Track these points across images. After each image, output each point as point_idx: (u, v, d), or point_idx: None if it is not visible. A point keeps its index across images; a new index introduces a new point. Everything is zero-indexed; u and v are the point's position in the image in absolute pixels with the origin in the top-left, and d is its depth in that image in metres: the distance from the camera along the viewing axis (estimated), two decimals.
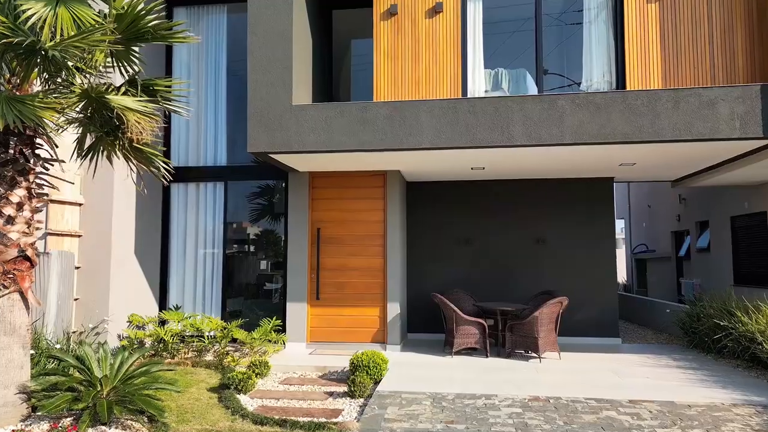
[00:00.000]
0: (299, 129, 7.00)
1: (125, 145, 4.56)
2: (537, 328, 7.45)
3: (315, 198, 8.68)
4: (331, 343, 8.38)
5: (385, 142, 6.84)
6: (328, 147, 6.95)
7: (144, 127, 4.38)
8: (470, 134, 6.71)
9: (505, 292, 9.20)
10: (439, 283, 9.28)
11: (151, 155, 4.91)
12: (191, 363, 7.54)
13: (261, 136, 7.05)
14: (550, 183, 9.31)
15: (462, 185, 9.49)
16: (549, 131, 6.58)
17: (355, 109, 6.94)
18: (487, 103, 6.73)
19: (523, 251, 9.27)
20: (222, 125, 9.18)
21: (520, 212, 9.34)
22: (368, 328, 8.37)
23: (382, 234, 8.47)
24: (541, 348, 7.46)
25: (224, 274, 8.92)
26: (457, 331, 7.71)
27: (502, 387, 6.12)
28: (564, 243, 9.19)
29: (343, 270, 8.50)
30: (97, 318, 7.60)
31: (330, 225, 8.60)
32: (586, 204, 9.20)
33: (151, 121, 4.44)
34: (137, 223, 8.36)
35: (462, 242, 9.42)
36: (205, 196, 9.11)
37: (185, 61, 9.33)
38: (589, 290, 9.02)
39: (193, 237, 9.07)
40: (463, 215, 9.46)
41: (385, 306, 8.34)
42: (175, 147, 9.21)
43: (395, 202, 8.43)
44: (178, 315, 8.44)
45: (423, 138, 6.79)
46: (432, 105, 6.81)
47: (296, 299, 8.45)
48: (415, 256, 9.47)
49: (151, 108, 4.63)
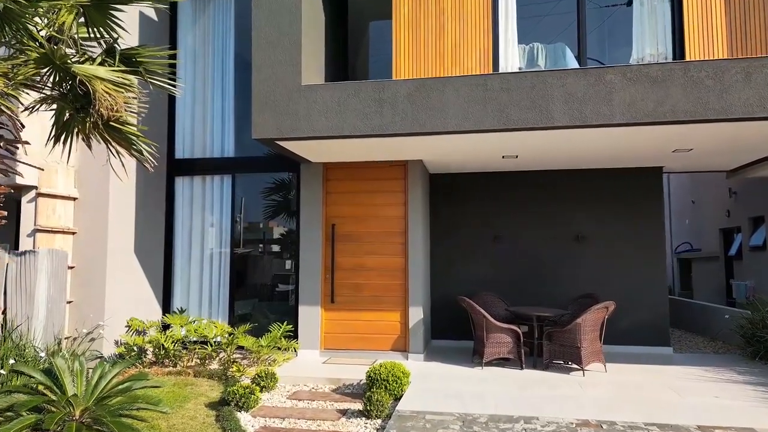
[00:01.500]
0: (309, 112, 6.24)
1: (98, 124, 3.85)
2: (580, 336, 6.54)
3: (329, 192, 7.91)
4: (346, 350, 7.60)
5: (405, 125, 6.03)
6: (341, 132, 6.17)
7: (117, 101, 3.66)
8: (503, 115, 5.85)
9: (539, 295, 8.28)
10: (465, 285, 8.42)
11: (131, 135, 4.19)
12: (193, 372, 6.85)
13: (267, 120, 6.31)
14: (591, 174, 8.35)
15: (491, 177, 8.60)
16: (595, 110, 5.68)
17: (372, 88, 6.14)
18: (522, 78, 5.86)
19: (559, 250, 8.35)
20: (229, 114, 8.48)
21: (557, 206, 8.42)
22: (388, 334, 7.57)
23: (402, 231, 7.66)
24: (584, 359, 6.55)
25: (232, 275, 8.23)
26: (488, 339, 6.85)
27: (542, 407, 5.24)
28: (607, 240, 8.23)
29: (360, 270, 7.72)
30: (92, 322, 6.97)
31: (346, 221, 7.82)
32: (632, 197, 8.22)
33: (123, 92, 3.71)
34: (138, 219, 7.72)
35: (491, 240, 8.54)
36: (211, 190, 8.43)
37: (190, 46, 8.68)
38: (635, 293, 8.04)
39: (198, 234, 8.40)
40: (492, 210, 8.58)
41: (406, 310, 7.52)
42: (179, 137, 8.56)
43: (417, 195, 7.61)
44: (181, 319, 7.79)
45: (448, 120, 5.95)
46: (459, 82, 5.97)
47: (309, 302, 7.71)
48: (438, 255, 8.63)
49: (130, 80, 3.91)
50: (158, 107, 8.27)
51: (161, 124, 8.38)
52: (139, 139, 4.23)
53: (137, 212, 7.70)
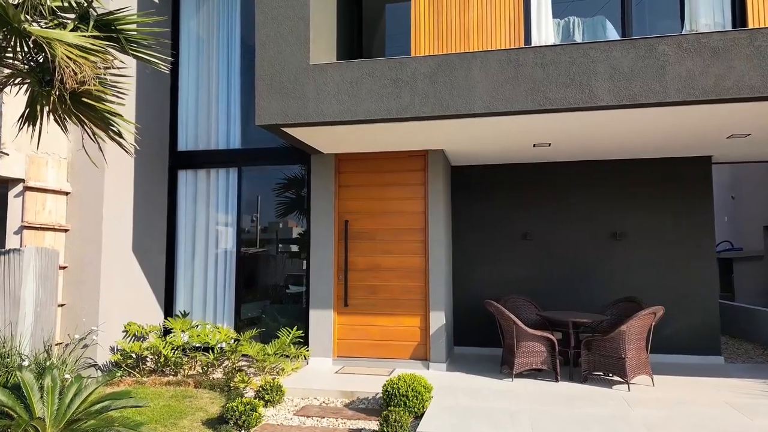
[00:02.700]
0: (318, 95, 5.59)
1: (65, 98, 3.24)
2: (624, 345, 5.79)
3: (342, 185, 7.26)
4: (361, 359, 6.94)
5: (425, 107, 5.34)
6: (354, 116, 5.51)
7: (84, 70, 3.05)
8: (538, 93, 5.13)
9: (573, 298, 7.53)
10: (490, 287, 7.71)
11: (107, 114, 3.58)
12: (194, 383, 6.26)
13: (271, 104, 5.68)
14: (631, 165, 7.57)
15: (519, 169, 7.87)
16: (645, 87, 4.93)
17: (388, 67, 5.47)
18: (560, 52, 5.13)
19: (595, 248, 7.58)
20: (235, 103, 7.89)
21: (592, 201, 7.65)
22: (407, 341, 6.89)
23: (422, 227, 6.97)
24: (629, 371, 5.79)
25: (239, 276, 7.63)
26: (519, 347, 6.13)
27: (587, 429, 4.51)
28: (649, 238, 7.44)
29: (376, 270, 7.05)
30: (85, 327, 6.42)
31: (360, 217, 7.17)
32: (677, 190, 7.42)
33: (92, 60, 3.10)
34: (137, 216, 7.16)
35: (519, 238, 7.80)
36: (216, 184, 7.84)
37: (194, 30, 8.11)
38: (681, 297, 7.25)
39: (203, 231, 7.83)
40: (520, 205, 7.84)
41: (427, 315, 6.84)
42: (182, 128, 7.99)
43: (438, 188, 6.92)
44: (184, 323, 7.22)
45: (475, 100, 5.25)
46: (487, 57, 5.27)
47: (320, 306, 7.07)
48: (461, 255, 7.93)
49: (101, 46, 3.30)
50: (159, 96, 7.71)
51: (163, 114, 7.82)
52: (116, 118, 3.61)
53: (136, 208, 7.14)
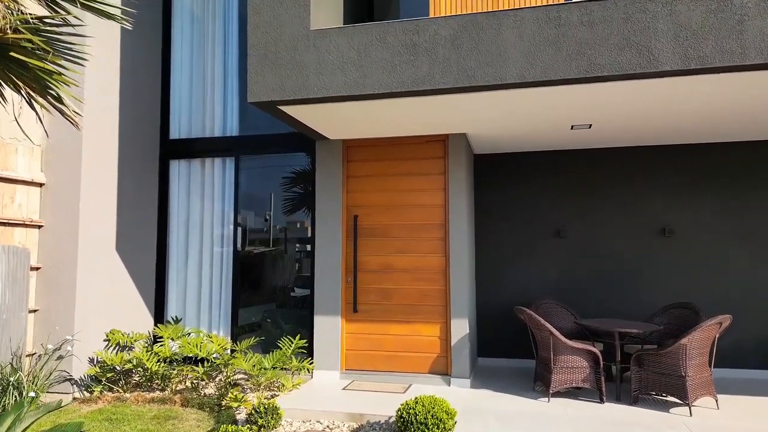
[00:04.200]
0: (320, 65, 4.76)
1: None
2: (685, 361, 4.86)
3: (351, 175, 6.43)
4: (373, 372, 6.09)
5: (447, 77, 4.48)
6: (362, 90, 4.66)
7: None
8: (584, 58, 4.23)
9: (613, 304, 6.60)
10: (518, 290, 6.83)
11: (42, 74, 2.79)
12: (181, 400, 5.48)
13: (266, 77, 4.86)
14: (680, 150, 6.62)
15: (552, 157, 6.96)
16: (719, 47, 4.00)
17: (402, 30, 4.61)
18: (611, 7, 4.22)
19: (639, 247, 6.64)
20: (233, 86, 7.11)
21: (636, 193, 6.71)
22: (424, 353, 6.03)
23: (442, 223, 6.11)
24: (690, 392, 4.85)
25: (236, 277, 6.84)
26: (557, 362, 5.23)
27: None
28: (704, 235, 6.48)
29: (389, 272, 6.21)
30: (59, 336, 5.67)
31: (371, 211, 6.33)
32: (737, 179, 6.45)
33: None
34: (121, 211, 6.41)
35: (551, 235, 6.90)
36: (212, 175, 7.06)
37: (188, 7, 7.34)
38: (743, 302, 6.28)
39: (197, 227, 7.05)
40: (552, 198, 6.93)
41: (447, 322, 5.97)
42: (174, 114, 7.23)
43: (460, 178, 6.05)
44: (175, 330, 6.46)
45: (507, 68, 4.37)
46: (522, 16, 4.38)
47: (326, 311, 6.24)
48: (485, 254, 7.04)
49: None
50: (149, 77, 6.96)
51: (153, 97, 7.07)
52: (53, 78, 2.81)
53: (121, 202, 6.39)
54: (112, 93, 6.32)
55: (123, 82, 6.46)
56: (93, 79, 5.97)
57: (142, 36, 6.84)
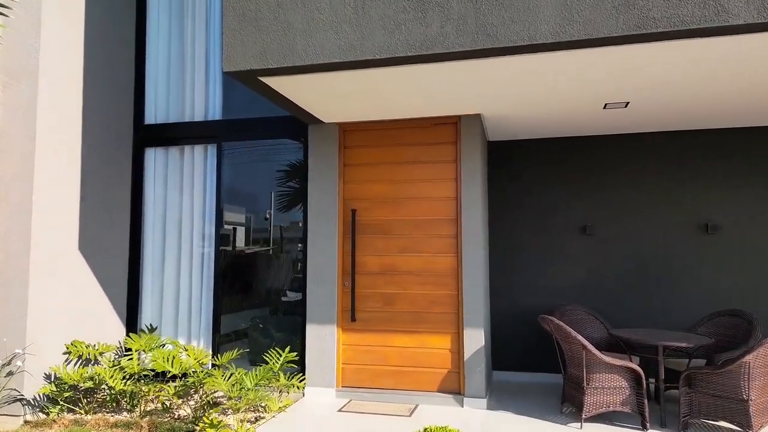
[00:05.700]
0: (309, 25, 3.95)
1: None
2: (747, 382, 4.04)
3: (348, 164, 5.62)
4: (374, 390, 5.28)
5: (463, 37, 3.66)
6: (360, 54, 3.85)
7: None
8: (633, 11, 3.41)
9: (647, 311, 5.79)
10: (539, 295, 6.02)
11: None
12: (149, 425, 4.67)
13: (245, 41, 4.05)
14: (724, 136, 5.81)
15: (578, 143, 6.15)
16: None
17: None
18: None
19: (680, 245, 5.82)
20: (215, 65, 6.30)
21: (674, 184, 5.89)
22: (433, 368, 5.21)
23: (453, 218, 5.30)
24: (754, 419, 4.04)
25: (218, 279, 6.03)
26: (590, 381, 4.41)
27: None
28: (754, 232, 5.66)
29: (391, 274, 5.39)
30: (7, 349, 4.87)
31: (372, 205, 5.52)
32: None
33: None
34: (85, 205, 5.60)
35: (576, 231, 6.08)
36: (191, 165, 6.26)
37: None
38: None
39: (175, 224, 6.25)
40: (578, 191, 6.12)
41: (460, 333, 5.15)
42: (150, 96, 6.42)
43: (474, 167, 5.24)
44: (150, 340, 5.66)
45: (538, 25, 3.55)
46: None
47: (320, 320, 5.43)
48: (501, 253, 6.23)
49: None
50: (120, 55, 6.16)
51: (126, 77, 6.27)
52: None
53: (85, 195, 5.58)
54: (74, 68, 5.52)
55: (89, 57, 5.66)
56: (53, 49, 5.17)
57: (113, 6, 6.04)
